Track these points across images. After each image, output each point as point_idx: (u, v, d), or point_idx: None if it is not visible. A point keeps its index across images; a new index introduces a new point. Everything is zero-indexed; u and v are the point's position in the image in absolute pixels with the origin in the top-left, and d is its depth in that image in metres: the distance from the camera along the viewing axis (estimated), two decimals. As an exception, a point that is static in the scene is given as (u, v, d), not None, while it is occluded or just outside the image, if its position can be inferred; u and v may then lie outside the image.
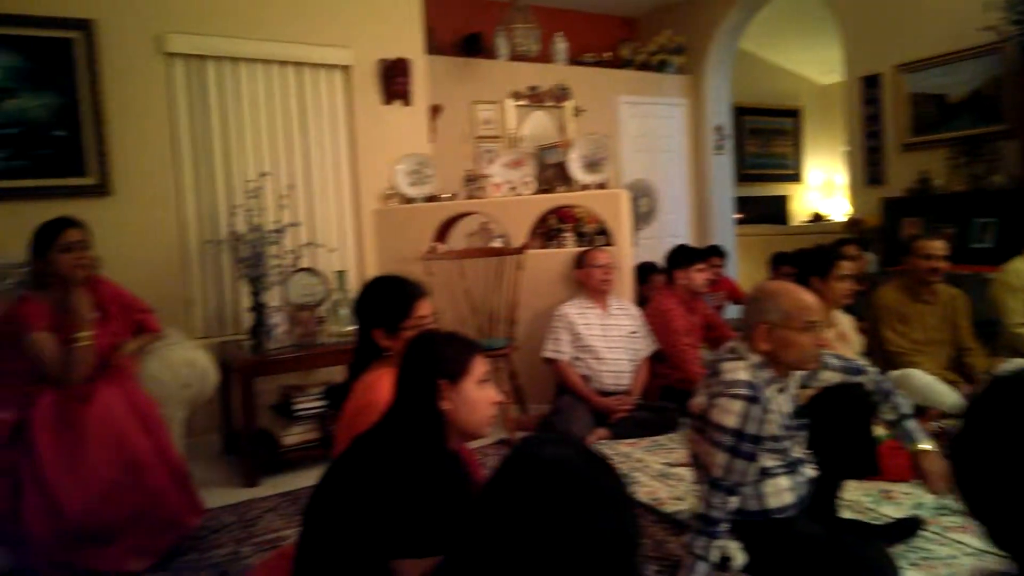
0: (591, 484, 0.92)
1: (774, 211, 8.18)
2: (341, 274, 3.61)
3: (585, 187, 4.06)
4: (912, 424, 2.11)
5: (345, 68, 4.12)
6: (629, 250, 3.96)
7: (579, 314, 3.61)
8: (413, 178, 4.09)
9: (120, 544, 2.26)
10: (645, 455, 3.15)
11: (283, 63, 3.94)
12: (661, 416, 3.46)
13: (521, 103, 5.81)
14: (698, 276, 3.87)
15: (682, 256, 3.95)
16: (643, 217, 5.81)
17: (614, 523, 0.91)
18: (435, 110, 5.06)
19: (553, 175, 4.19)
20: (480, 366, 1.51)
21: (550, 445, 1.00)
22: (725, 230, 6.67)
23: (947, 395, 3.06)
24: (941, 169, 4.91)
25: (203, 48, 3.71)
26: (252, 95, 3.88)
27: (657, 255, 5.22)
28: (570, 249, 4.03)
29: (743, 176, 8.07)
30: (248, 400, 3.10)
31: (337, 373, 3.77)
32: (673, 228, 6.38)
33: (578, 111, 6.04)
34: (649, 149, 6.40)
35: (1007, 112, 4.56)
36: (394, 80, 4.16)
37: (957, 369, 3.37)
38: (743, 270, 6.68)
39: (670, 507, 2.55)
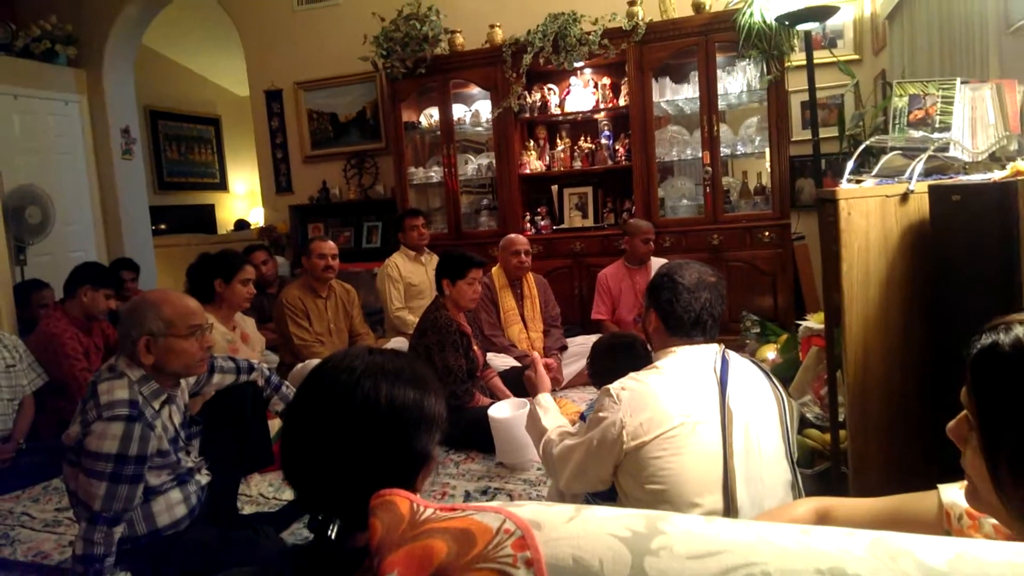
0: None
1: (201, 220, 8.00)
2: None
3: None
4: (298, 410, 2.28)
5: None
6: (5, 270, 3.32)
7: (-71, 352, 2.85)
8: None
9: None
10: (32, 506, 2.68)
11: None
12: (58, 457, 3.00)
13: None
14: (103, 300, 3.46)
15: (85, 276, 3.47)
16: (34, 230, 4.97)
17: None
18: None
19: None
20: None
21: None
22: (141, 241, 6.16)
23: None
24: (338, 179, 5.52)
25: None
26: None
27: (55, 273, 4.54)
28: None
29: (166, 184, 7.69)
30: None
31: None
32: (77, 241, 5.61)
33: (-75, 98, 4.78)
34: (37, 150, 5.46)
35: (384, 132, 5.39)
36: None
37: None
38: (164, 282, 6.33)
39: (59, 557, 2.23)
